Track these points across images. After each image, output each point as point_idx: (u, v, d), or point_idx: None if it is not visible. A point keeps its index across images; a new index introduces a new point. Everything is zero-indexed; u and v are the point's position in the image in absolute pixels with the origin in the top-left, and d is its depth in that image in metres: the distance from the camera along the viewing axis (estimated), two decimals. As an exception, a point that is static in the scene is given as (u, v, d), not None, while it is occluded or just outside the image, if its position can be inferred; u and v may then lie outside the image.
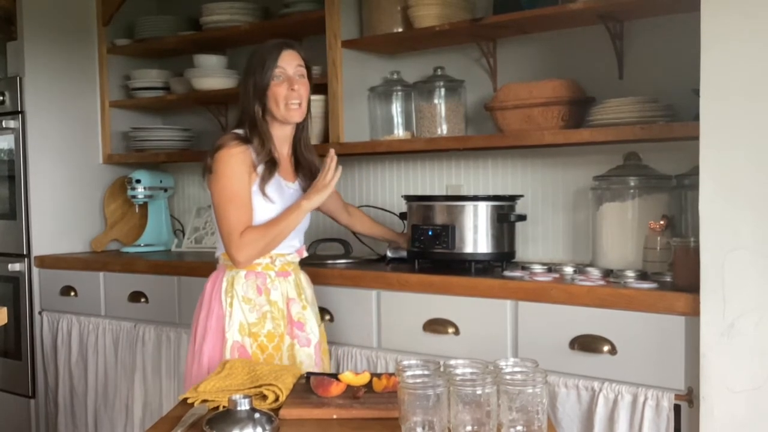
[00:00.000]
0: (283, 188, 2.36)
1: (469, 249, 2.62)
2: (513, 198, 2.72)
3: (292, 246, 2.41)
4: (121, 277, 3.38)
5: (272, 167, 2.30)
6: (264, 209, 2.30)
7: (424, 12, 2.87)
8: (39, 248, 3.67)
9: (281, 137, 2.38)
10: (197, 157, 3.80)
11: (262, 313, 2.29)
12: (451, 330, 2.46)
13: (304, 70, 2.35)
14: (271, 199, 2.29)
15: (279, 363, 2.28)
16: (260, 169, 2.29)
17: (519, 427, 1.50)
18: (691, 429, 2.04)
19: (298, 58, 2.34)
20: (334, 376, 1.87)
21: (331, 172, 2.28)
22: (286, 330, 2.32)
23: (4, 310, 2.29)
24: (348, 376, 1.85)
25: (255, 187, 2.28)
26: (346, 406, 1.72)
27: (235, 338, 2.25)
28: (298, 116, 2.34)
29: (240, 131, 2.33)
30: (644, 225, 2.45)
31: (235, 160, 2.25)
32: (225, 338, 2.25)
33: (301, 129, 2.43)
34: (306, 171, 2.44)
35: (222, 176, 2.25)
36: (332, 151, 2.32)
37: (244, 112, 2.35)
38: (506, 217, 2.63)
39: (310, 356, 2.34)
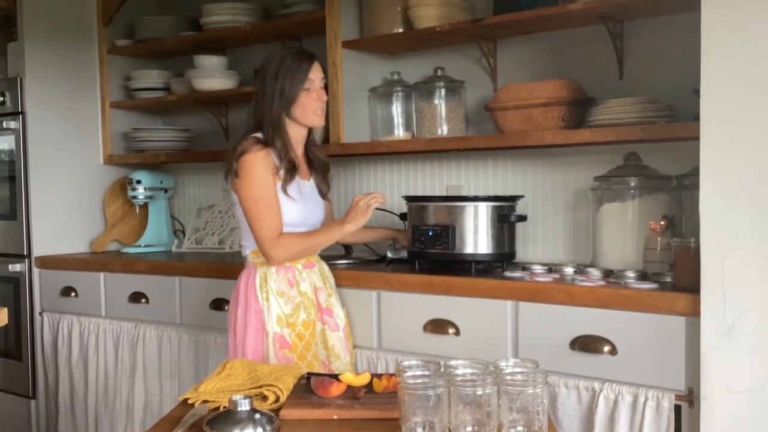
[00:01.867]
0: (302, 187, 2.50)
1: (469, 249, 2.62)
2: (513, 198, 2.72)
3: None
4: (122, 277, 3.38)
5: (293, 171, 2.44)
6: (287, 208, 2.44)
7: (424, 12, 2.87)
8: (39, 249, 3.67)
9: (297, 139, 2.53)
10: (197, 157, 3.81)
11: (296, 304, 2.45)
12: (451, 330, 2.47)
13: (325, 81, 2.51)
14: (293, 198, 2.44)
15: (316, 348, 2.47)
16: (282, 172, 2.42)
17: (519, 428, 1.50)
18: (691, 429, 2.04)
19: (321, 70, 2.50)
20: (335, 376, 1.87)
21: (371, 207, 2.47)
22: (317, 317, 2.49)
23: (5, 310, 2.29)
24: (348, 377, 1.86)
25: (278, 188, 2.42)
26: (347, 407, 1.72)
27: (275, 330, 2.40)
28: (322, 121, 2.52)
29: (259, 135, 2.43)
30: (644, 225, 2.45)
31: (261, 164, 2.38)
32: (266, 331, 2.40)
33: (311, 130, 2.58)
34: (318, 169, 2.60)
35: (251, 180, 2.38)
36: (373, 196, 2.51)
37: (265, 117, 2.44)
38: (506, 217, 2.63)
39: (340, 339, 2.53)
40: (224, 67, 3.61)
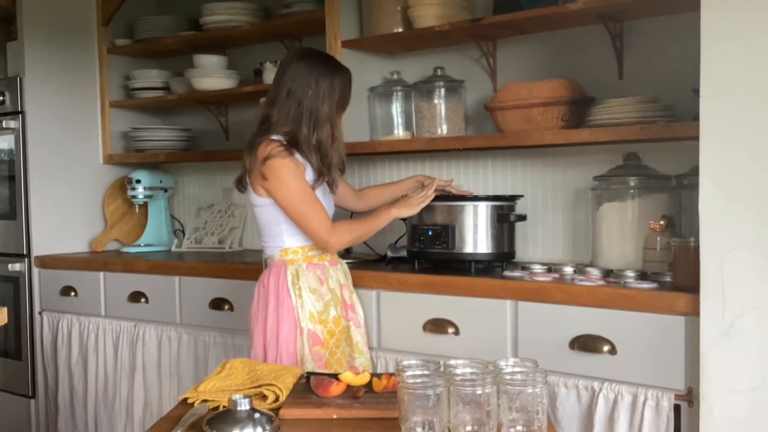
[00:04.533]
0: (323, 187, 2.50)
1: (469, 249, 2.62)
2: (513, 198, 2.72)
3: None
4: (122, 277, 3.38)
5: (324, 176, 2.45)
6: None
7: (424, 12, 2.87)
8: (39, 248, 3.67)
9: None
10: (197, 157, 3.81)
11: (326, 301, 2.46)
12: (451, 330, 2.47)
13: None
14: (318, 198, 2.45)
15: (343, 345, 2.47)
16: (309, 173, 2.42)
17: (519, 427, 1.50)
18: (691, 429, 2.04)
19: None
20: (335, 376, 1.87)
21: (428, 197, 2.54)
22: (342, 314, 2.50)
23: (5, 310, 2.29)
24: (348, 376, 1.85)
25: None
26: (346, 406, 1.72)
27: (308, 327, 2.41)
28: None
29: (280, 138, 2.40)
30: (644, 225, 2.45)
31: (293, 164, 2.38)
32: (300, 327, 2.41)
33: None
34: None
35: (286, 181, 2.37)
36: (437, 180, 2.63)
37: (314, 113, 2.42)
38: (506, 217, 2.64)
39: (363, 335, 2.56)
40: (224, 67, 3.61)
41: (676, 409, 2.05)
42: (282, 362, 2.37)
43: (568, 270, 2.53)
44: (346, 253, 3.07)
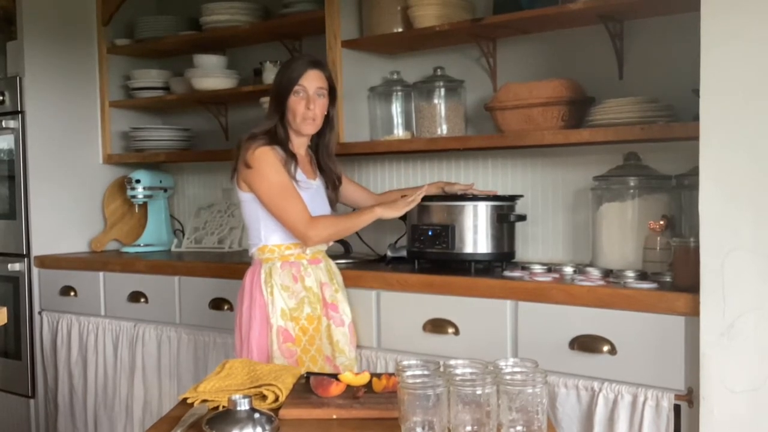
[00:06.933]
0: (302, 183, 2.50)
1: (469, 249, 2.62)
2: (513, 198, 2.72)
3: None
4: (121, 277, 3.38)
5: (291, 163, 2.47)
6: None
7: (423, 12, 2.87)
8: (39, 248, 3.67)
9: (297, 142, 2.57)
10: (197, 157, 3.81)
11: (300, 299, 2.47)
12: (450, 330, 2.47)
13: (324, 91, 2.52)
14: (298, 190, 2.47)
15: (320, 342, 2.49)
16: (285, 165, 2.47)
17: (519, 428, 1.50)
18: (691, 429, 2.04)
19: (321, 79, 2.52)
20: (334, 376, 1.87)
21: (415, 201, 2.55)
22: (322, 312, 2.51)
23: (4, 310, 2.29)
24: (348, 377, 1.85)
25: None
26: (346, 407, 1.72)
27: (279, 324, 2.43)
28: (310, 130, 2.54)
29: (259, 131, 2.49)
30: (644, 225, 2.45)
31: (273, 157, 2.44)
32: (270, 324, 2.43)
33: (320, 136, 2.61)
34: (329, 178, 2.64)
35: (266, 174, 2.43)
36: (425, 187, 2.64)
37: (268, 116, 2.54)
38: (506, 217, 2.64)
39: (345, 335, 2.54)
40: (224, 67, 3.61)
41: (676, 409, 2.05)
42: (253, 357, 2.42)
43: (568, 270, 2.53)
44: (345, 253, 3.07)
